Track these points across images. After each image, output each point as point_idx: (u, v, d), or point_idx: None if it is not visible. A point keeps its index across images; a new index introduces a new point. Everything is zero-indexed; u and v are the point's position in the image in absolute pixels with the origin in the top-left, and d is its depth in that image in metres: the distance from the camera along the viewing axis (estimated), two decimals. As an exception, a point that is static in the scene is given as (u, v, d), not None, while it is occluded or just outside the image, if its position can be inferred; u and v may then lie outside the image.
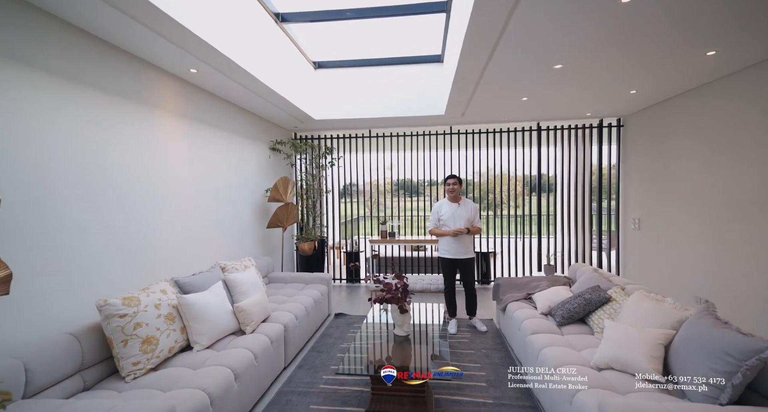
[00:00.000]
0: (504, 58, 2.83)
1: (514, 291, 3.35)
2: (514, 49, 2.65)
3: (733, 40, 2.40)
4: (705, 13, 2.10)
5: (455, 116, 4.71)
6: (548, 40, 2.47)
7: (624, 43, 2.50)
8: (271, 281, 4.08)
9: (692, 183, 3.65)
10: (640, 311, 2.04)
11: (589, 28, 2.28)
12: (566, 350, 2.12)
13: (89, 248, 2.19)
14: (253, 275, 3.16)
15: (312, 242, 4.74)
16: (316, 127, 5.31)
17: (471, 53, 2.79)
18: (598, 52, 2.62)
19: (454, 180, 3.48)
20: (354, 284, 5.63)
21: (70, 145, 2.11)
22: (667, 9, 2.05)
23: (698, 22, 2.20)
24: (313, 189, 5.25)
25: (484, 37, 2.49)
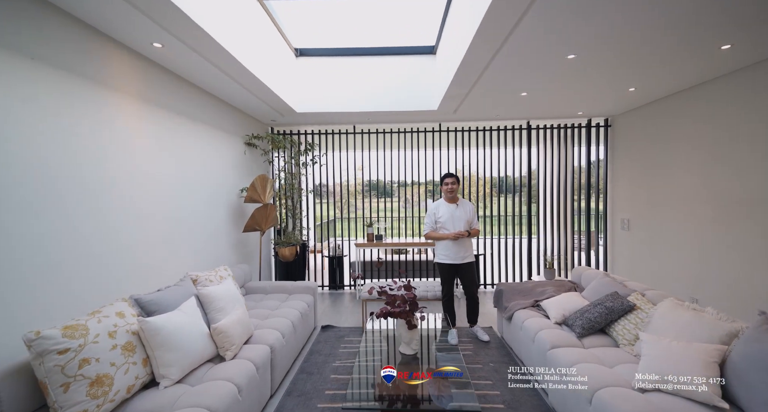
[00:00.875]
0: (515, 48, 2.62)
1: (518, 298, 3.15)
2: (528, 38, 2.45)
3: (753, 33, 2.31)
4: (723, 2, 1.99)
5: (448, 112, 4.47)
6: (567, 27, 2.27)
7: (639, 34, 2.35)
8: (249, 291, 3.63)
9: (683, 184, 3.64)
10: (677, 322, 1.87)
11: (612, 13, 2.10)
12: (598, 368, 1.91)
13: (14, 261, 1.69)
14: (230, 287, 2.73)
15: (293, 246, 4.32)
16: (296, 121, 4.88)
17: (482, 44, 2.59)
18: (614, 41, 2.44)
19: (452, 179, 3.22)
20: (338, 291, 5.25)
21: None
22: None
23: (715, 14, 2.10)
24: (293, 189, 4.82)
25: (500, 26, 2.30)
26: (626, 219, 4.60)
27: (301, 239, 4.56)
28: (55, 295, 1.87)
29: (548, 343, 2.29)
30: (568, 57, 2.68)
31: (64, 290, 1.92)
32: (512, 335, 2.98)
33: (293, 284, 3.71)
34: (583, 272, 3.22)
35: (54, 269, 1.87)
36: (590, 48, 2.56)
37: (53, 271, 1.86)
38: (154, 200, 2.66)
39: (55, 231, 1.88)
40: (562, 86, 3.47)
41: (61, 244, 1.91)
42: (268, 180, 4.08)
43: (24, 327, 1.61)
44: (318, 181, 5.26)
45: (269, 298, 3.45)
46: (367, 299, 3.59)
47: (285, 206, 4.87)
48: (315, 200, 5.65)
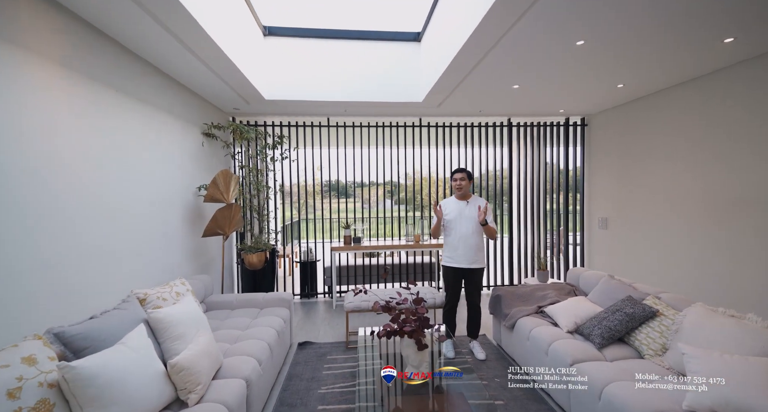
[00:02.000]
0: (515, 40, 2.47)
1: (518, 303, 2.93)
2: (535, 25, 2.27)
3: (755, 26, 2.26)
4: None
5: (432, 106, 4.20)
6: (577, 12, 2.09)
7: (648, 25, 2.23)
8: (212, 307, 3.07)
9: (661, 182, 3.67)
10: (719, 332, 1.71)
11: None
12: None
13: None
14: (191, 306, 2.20)
15: (263, 252, 3.78)
16: (262, 110, 4.33)
17: (481, 37, 2.45)
18: (626, 28, 2.29)
19: (461, 174, 2.92)
20: (310, 299, 4.77)
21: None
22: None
23: (715, 9, 2.05)
24: (260, 187, 4.26)
25: (510, 12, 2.12)
26: (604, 218, 4.64)
27: (271, 244, 4.03)
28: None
29: (568, 356, 2.07)
30: (578, 43, 2.48)
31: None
32: (515, 346, 2.74)
33: (265, 296, 3.20)
34: (581, 273, 3.08)
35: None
36: (598, 35, 2.38)
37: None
38: (84, 198, 2.06)
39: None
40: (555, 80, 3.32)
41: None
42: (232, 176, 3.52)
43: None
44: (290, 179, 4.74)
45: (237, 314, 2.93)
46: (352, 310, 3.19)
47: (250, 206, 4.30)
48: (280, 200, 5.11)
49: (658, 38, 2.46)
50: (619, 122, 4.30)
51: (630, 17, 2.17)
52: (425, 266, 4.95)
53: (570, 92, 3.72)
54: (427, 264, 4.95)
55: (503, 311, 2.92)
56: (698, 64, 2.90)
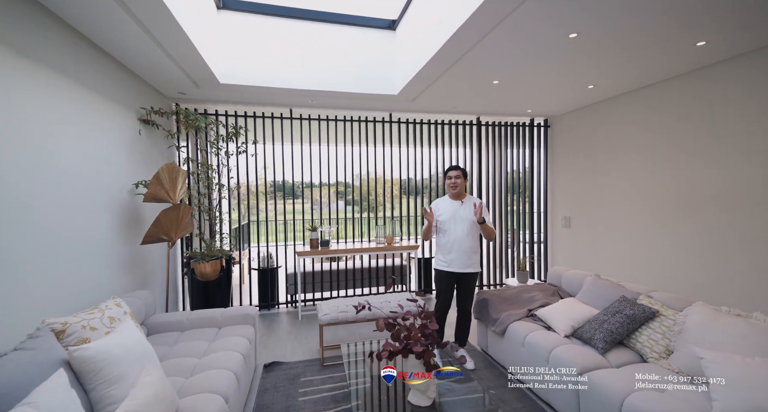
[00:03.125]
0: (514, 26, 2.32)
1: (506, 307, 2.81)
2: (532, 14, 2.17)
3: (727, 30, 2.35)
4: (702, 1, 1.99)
5: (407, 100, 3.97)
6: (569, 10, 2.03)
7: (635, 23, 2.23)
8: (156, 330, 2.52)
9: (623, 182, 3.85)
10: (725, 331, 1.69)
11: None
12: (657, 397, 1.60)
13: None
14: (131, 335, 1.72)
15: (217, 260, 3.25)
16: (214, 96, 3.76)
17: (479, 21, 2.26)
18: (618, 19, 2.25)
19: (456, 172, 2.71)
20: (270, 311, 4.29)
21: None
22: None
23: (692, 10, 2.10)
24: (210, 184, 3.69)
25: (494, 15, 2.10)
26: (567, 217, 4.79)
27: (228, 251, 3.49)
28: None
29: (575, 364, 1.95)
30: (571, 36, 2.41)
31: None
32: (507, 353, 2.60)
33: (225, 312, 2.72)
34: (563, 273, 3.06)
35: None
36: (594, 26, 2.32)
37: None
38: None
39: None
40: (534, 77, 3.27)
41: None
42: (179, 172, 2.96)
43: None
44: (246, 177, 4.20)
45: (190, 337, 2.43)
46: (329, 323, 2.83)
47: (200, 206, 3.71)
48: (232, 200, 4.52)
49: (636, 41, 2.50)
50: (582, 124, 4.45)
51: (624, 12, 2.12)
52: (396, 269, 4.73)
53: (543, 91, 3.72)
54: (398, 267, 4.73)
55: (491, 316, 2.77)
56: (669, 66, 3.01)
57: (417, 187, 4.81)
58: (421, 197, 4.85)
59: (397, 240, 4.40)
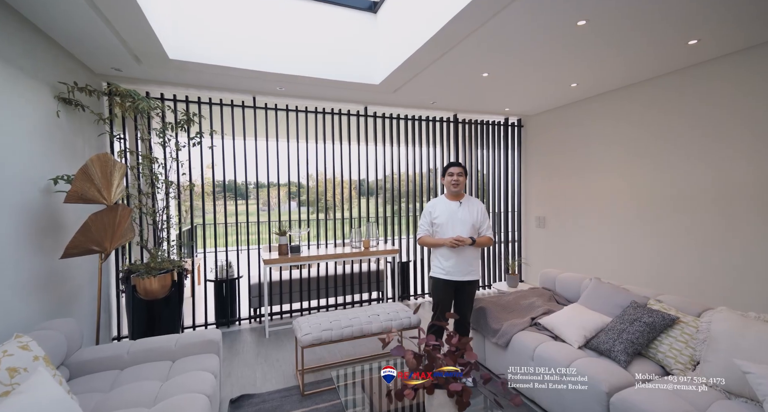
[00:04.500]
0: (515, 13, 2.13)
1: (505, 315, 2.60)
2: (523, 9, 2.04)
3: (719, 29, 2.35)
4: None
5: (388, 91, 3.65)
6: None
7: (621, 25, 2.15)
8: (83, 371, 1.94)
9: (599, 182, 3.89)
10: (764, 341, 1.59)
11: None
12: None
13: None
14: (45, 392, 1.21)
15: (167, 274, 2.66)
16: (159, 76, 3.13)
17: (480, 8, 2.07)
18: (630, 2, 2.14)
19: (459, 169, 2.43)
20: (230, 328, 3.71)
21: None
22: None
23: (685, 9, 2.08)
24: (158, 181, 3.06)
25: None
26: (541, 217, 4.80)
27: (178, 261, 2.90)
28: None
29: (600, 381, 1.76)
30: (579, 23, 2.25)
31: None
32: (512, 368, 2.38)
33: (179, 339, 2.18)
34: (556, 276, 2.93)
35: None
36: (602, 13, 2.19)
37: None
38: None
39: None
40: (523, 71, 3.13)
41: None
42: (115, 165, 2.35)
43: None
44: (201, 173, 3.58)
45: (133, 376, 1.88)
46: (311, 344, 2.41)
47: (142, 208, 3.06)
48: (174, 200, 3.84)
49: (627, 40, 2.47)
50: (556, 124, 4.46)
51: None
52: (372, 274, 4.38)
53: (527, 88, 3.61)
54: (374, 273, 4.39)
55: (491, 327, 2.55)
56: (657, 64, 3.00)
57: (394, 186, 4.50)
58: (378, 197, 4.54)
59: (374, 244, 4.06)
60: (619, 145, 3.67)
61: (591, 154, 4.00)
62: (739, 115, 2.69)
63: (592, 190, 4.01)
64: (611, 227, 3.78)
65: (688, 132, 3.04)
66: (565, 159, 4.36)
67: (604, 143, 3.83)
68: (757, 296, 2.59)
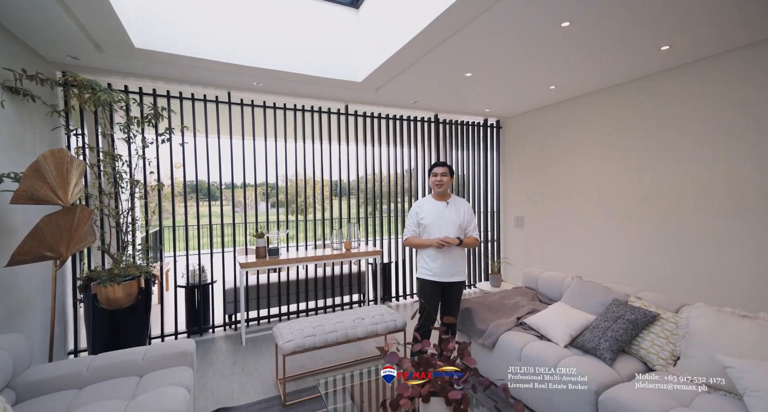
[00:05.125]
0: (503, 11, 2.11)
1: (492, 316, 2.59)
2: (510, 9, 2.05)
3: (691, 34, 2.46)
4: (668, 6, 2.07)
5: (369, 89, 3.57)
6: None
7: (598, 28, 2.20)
8: (34, 392, 1.73)
9: (577, 183, 4.01)
10: (736, 335, 1.65)
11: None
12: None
13: None
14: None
15: (133, 280, 2.45)
16: (125, 66, 2.89)
17: (453, 17, 2.13)
18: (610, 5, 2.19)
19: (443, 169, 2.39)
20: (204, 336, 3.50)
21: None
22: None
23: (658, 15, 2.18)
24: (122, 180, 2.82)
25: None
26: (520, 217, 4.88)
27: (145, 267, 2.68)
28: None
29: (590, 381, 1.77)
30: (563, 25, 2.28)
31: None
32: (498, 368, 2.36)
33: (147, 351, 2.00)
34: (539, 275, 2.97)
35: None
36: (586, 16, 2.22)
37: None
38: None
39: None
40: (505, 72, 3.15)
41: None
42: (73, 162, 2.13)
43: None
44: (171, 171, 3.34)
45: (94, 395, 1.69)
46: (294, 351, 2.30)
47: (103, 210, 2.80)
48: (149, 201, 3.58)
49: (605, 43, 2.54)
50: (535, 126, 4.55)
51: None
52: (353, 276, 4.28)
53: (509, 88, 3.64)
54: (355, 275, 4.29)
55: (477, 327, 2.53)
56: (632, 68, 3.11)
57: (375, 187, 4.43)
58: (360, 197, 4.47)
59: (356, 245, 3.96)
60: (595, 146, 3.79)
61: (567, 155, 4.10)
62: (710, 117, 2.82)
63: (568, 191, 4.12)
64: (587, 226, 3.89)
65: (661, 134, 3.17)
66: (542, 160, 4.46)
67: (580, 145, 3.94)
68: (730, 291, 2.72)
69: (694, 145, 2.94)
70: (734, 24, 2.29)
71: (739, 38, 2.50)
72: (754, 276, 2.60)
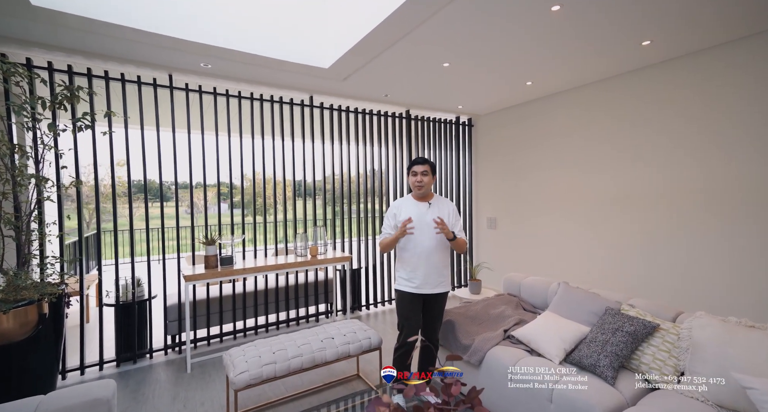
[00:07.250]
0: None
1: (476, 328, 2.35)
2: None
3: (672, 31, 2.40)
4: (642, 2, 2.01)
5: (337, 77, 3.21)
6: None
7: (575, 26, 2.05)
8: None
9: (550, 183, 3.94)
10: (748, 348, 1.51)
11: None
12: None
13: None
14: None
15: (32, 306, 1.90)
16: (21, 32, 2.30)
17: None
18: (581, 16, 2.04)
19: (424, 167, 2.09)
20: (138, 363, 2.95)
21: None
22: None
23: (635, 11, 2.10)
24: (24, 177, 2.23)
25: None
26: (492, 217, 4.76)
27: (55, 285, 2.12)
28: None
29: (597, 408, 1.56)
30: (553, 9, 2.08)
31: None
32: (486, 390, 2.12)
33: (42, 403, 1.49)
34: (521, 281, 2.78)
35: None
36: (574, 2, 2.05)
37: None
38: None
39: None
40: (484, 64, 2.95)
41: None
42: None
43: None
44: (95, 167, 2.75)
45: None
46: (249, 385, 1.89)
47: None
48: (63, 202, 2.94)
49: (591, 33, 2.41)
50: (507, 124, 4.44)
51: None
52: (319, 285, 3.89)
53: (484, 82, 3.45)
54: (321, 282, 3.90)
55: (461, 342, 2.27)
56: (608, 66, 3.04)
57: (344, 187, 4.06)
58: (326, 198, 4.12)
59: (323, 252, 3.58)
60: (567, 146, 3.72)
61: (540, 155, 4.02)
62: (687, 117, 2.80)
63: (541, 191, 4.04)
64: (561, 227, 3.82)
65: (636, 133, 3.13)
66: (515, 160, 4.36)
67: (553, 144, 3.87)
68: (707, 292, 2.71)
69: (669, 145, 2.92)
70: (713, 21, 2.23)
71: (717, 37, 2.47)
72: (728, 276, 2.59)
